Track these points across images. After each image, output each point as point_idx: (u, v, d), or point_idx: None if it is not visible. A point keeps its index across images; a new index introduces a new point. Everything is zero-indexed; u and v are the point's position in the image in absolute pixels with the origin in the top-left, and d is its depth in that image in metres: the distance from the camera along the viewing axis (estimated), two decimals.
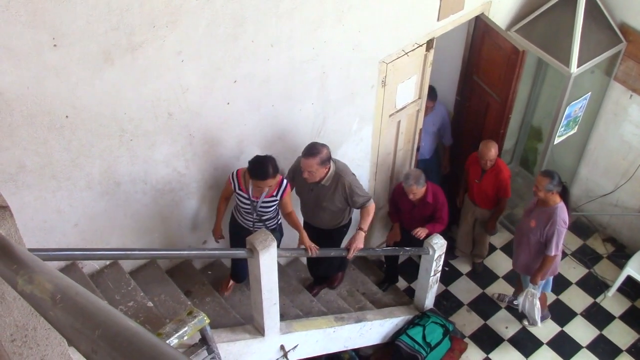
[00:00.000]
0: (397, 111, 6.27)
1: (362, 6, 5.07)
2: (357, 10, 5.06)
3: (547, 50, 6.40)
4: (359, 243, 5.34)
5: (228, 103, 4.79)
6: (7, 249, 1.55)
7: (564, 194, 5.87)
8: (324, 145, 5.19)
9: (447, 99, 7.22)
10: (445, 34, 6.03)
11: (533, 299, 6.32)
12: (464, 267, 7.72)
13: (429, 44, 5.91)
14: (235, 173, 5.07)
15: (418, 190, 6.07)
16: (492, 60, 6.48)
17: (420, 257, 6.35)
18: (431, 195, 6.20)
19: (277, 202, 5.14)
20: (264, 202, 5.08)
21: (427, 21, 5.73)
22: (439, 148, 7.60)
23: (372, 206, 5.40)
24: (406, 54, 5.77)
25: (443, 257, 6.22)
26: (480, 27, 6.36)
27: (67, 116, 4.05)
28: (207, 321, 4.04)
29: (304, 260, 6.97)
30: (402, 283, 7.40)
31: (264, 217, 5.22)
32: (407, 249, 6.27)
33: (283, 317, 5.31)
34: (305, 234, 5.28)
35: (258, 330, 5.05)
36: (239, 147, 5.19)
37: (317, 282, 6.59)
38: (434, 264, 6.12)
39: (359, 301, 6.62)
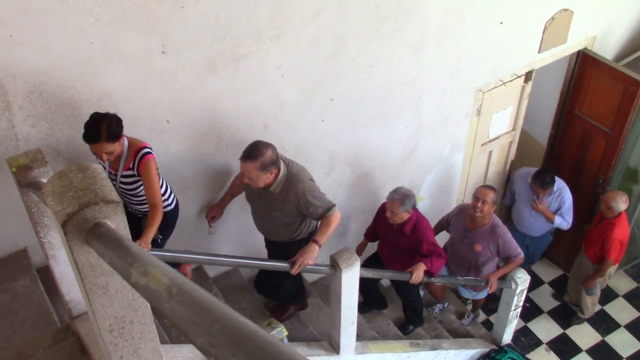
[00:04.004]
0: (490, 141, 6.20)
1: (463, 33, 5.05)
2: (458, 37, 5.04)
3: None
4: (308, 258, 4.20)
5: (323, 120, 4.84)
6: (120, 242, 1.61)
7: None
8: (268, 146, 4.21)
9: (541, 132, 7.07)
10: (541, 67, 5.93)
11: None
12: (546, 305, 7.51)
13: (528, 76, 5.84)
14: None
15: (399, 212, 5.09)
16: (601, 93, 6.30)
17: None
18: (410, 226, 5.21)
19: (139, 180, 4.09)
20: (123, 176, 4.08)
21: (528, 52, 5.66)
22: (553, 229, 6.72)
23: (335, 216, 4.35)
24: (504, 84, 5.70)
25: (525, 292, 6.07)
26: (585, 61, 6.20)
27: (168, 121, 4.18)
28: (285, 333, 4.07)
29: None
30: (480, 315, 7.25)
31: (134, 201, 4.27)
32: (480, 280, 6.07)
33: (359, 337, 5.27)
34: (151, 234, 3.86)
35: (333, 347, 5.04)
36: (330, 164, 5.22)
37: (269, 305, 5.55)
38: (516, 298, 5.98)
39: (436, 328, 6.53)
